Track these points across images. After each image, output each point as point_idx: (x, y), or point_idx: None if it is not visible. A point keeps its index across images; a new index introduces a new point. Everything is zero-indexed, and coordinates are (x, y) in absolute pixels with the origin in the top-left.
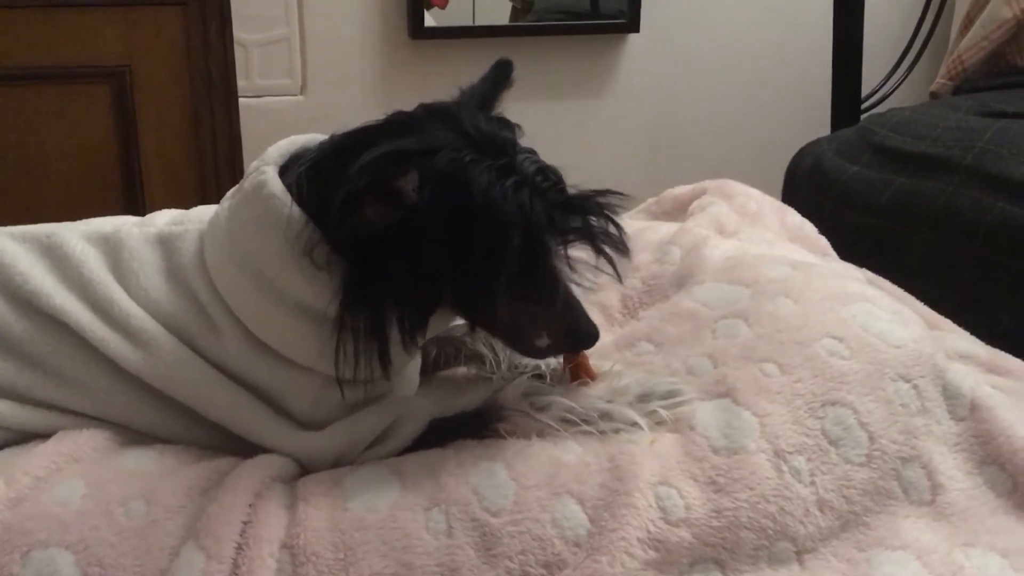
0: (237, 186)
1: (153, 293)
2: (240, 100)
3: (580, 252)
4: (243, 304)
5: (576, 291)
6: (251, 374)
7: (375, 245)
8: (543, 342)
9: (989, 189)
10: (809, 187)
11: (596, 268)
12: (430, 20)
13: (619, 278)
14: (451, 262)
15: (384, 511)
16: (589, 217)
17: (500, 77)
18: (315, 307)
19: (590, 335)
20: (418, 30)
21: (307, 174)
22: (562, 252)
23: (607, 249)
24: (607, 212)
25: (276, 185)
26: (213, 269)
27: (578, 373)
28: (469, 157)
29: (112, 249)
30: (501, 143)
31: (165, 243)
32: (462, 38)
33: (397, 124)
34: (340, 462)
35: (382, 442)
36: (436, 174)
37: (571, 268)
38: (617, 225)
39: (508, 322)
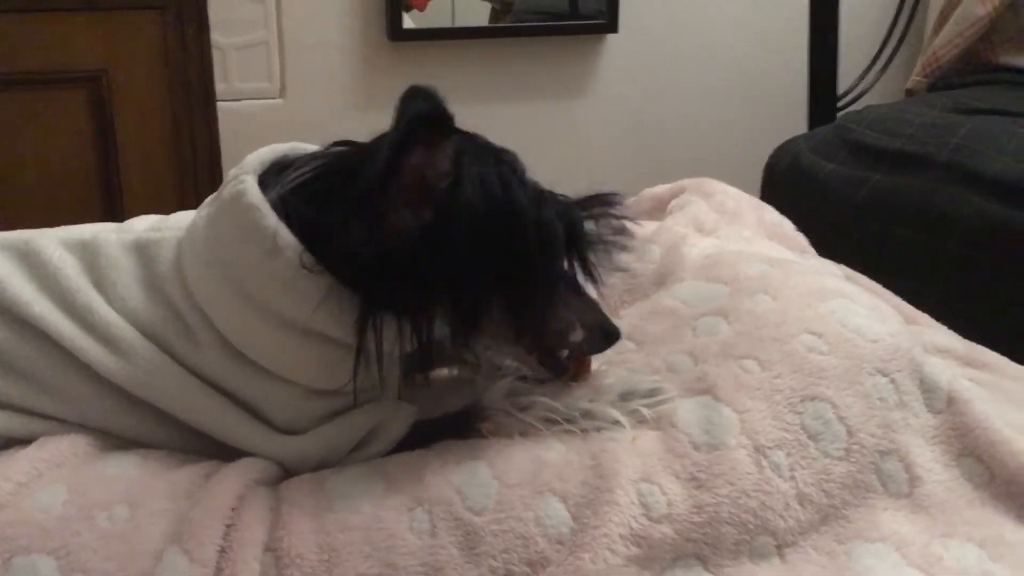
0: (215, 194)
1: (131, 302)
2: (219, 104)
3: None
4: (221, 314)
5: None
6: (229, 383)
7: (399, 260)
8: (578, 336)
9: (965, 185)
10: (787, 185)
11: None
12: (409, 22)
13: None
14: (498, 265)
15: (368, 512)
16: (598, 218)
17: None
18: (296, 320)
19: (617, 329)
20: (397, 32)
21: (295, 193)
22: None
23: (618, 247)
24: (613, 212)
25: (255, 195)
26: (191, 278)
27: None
28: (492, 161)
29: (90, 256)
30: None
31: (143, 250)
32: (441, 39)
33: None
34: (323, 465)
35: (366, 445)
36: (468, 172)
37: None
38: (622, 221)
39: (556, 326)
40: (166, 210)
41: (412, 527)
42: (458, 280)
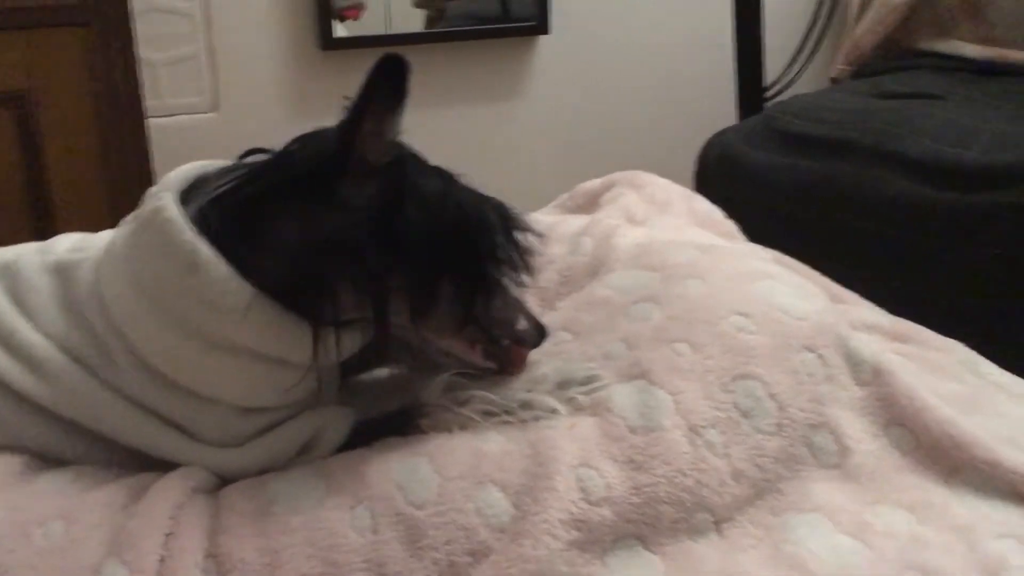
0: (135, 212)
1: (51, 325)
2: (152, 120)
3: None
4: (140, 334)
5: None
6: (153, 404)
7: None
8: (522, 324)
9: (888, 167)
10: (719, 176)
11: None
12: (341, 31)
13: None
14: (444, 252)
15: (309, 512)
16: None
17: None
18: (219, 336)
19: (544, 326)
20: (328, 41)
21: (215, 206)
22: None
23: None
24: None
25: (172, 210)
26: (108, 298)
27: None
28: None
29: (11, 278)
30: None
31: (62, 272)
32: (374, 47)
33: None
34: (264, 473)
35: (307, 451)
36: (407, 154)
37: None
38: (530, 229)
39: (501, 314)
40: (97, 229)
41: (354, 525)
42: (409, 264)
